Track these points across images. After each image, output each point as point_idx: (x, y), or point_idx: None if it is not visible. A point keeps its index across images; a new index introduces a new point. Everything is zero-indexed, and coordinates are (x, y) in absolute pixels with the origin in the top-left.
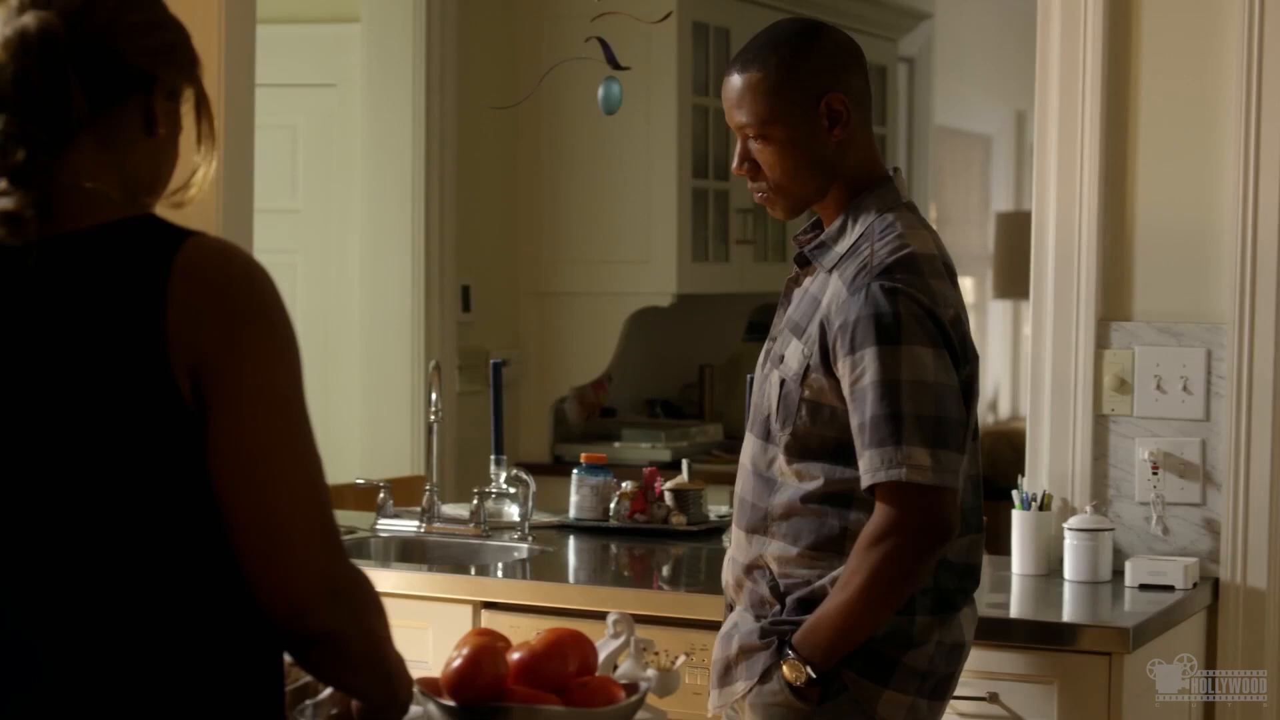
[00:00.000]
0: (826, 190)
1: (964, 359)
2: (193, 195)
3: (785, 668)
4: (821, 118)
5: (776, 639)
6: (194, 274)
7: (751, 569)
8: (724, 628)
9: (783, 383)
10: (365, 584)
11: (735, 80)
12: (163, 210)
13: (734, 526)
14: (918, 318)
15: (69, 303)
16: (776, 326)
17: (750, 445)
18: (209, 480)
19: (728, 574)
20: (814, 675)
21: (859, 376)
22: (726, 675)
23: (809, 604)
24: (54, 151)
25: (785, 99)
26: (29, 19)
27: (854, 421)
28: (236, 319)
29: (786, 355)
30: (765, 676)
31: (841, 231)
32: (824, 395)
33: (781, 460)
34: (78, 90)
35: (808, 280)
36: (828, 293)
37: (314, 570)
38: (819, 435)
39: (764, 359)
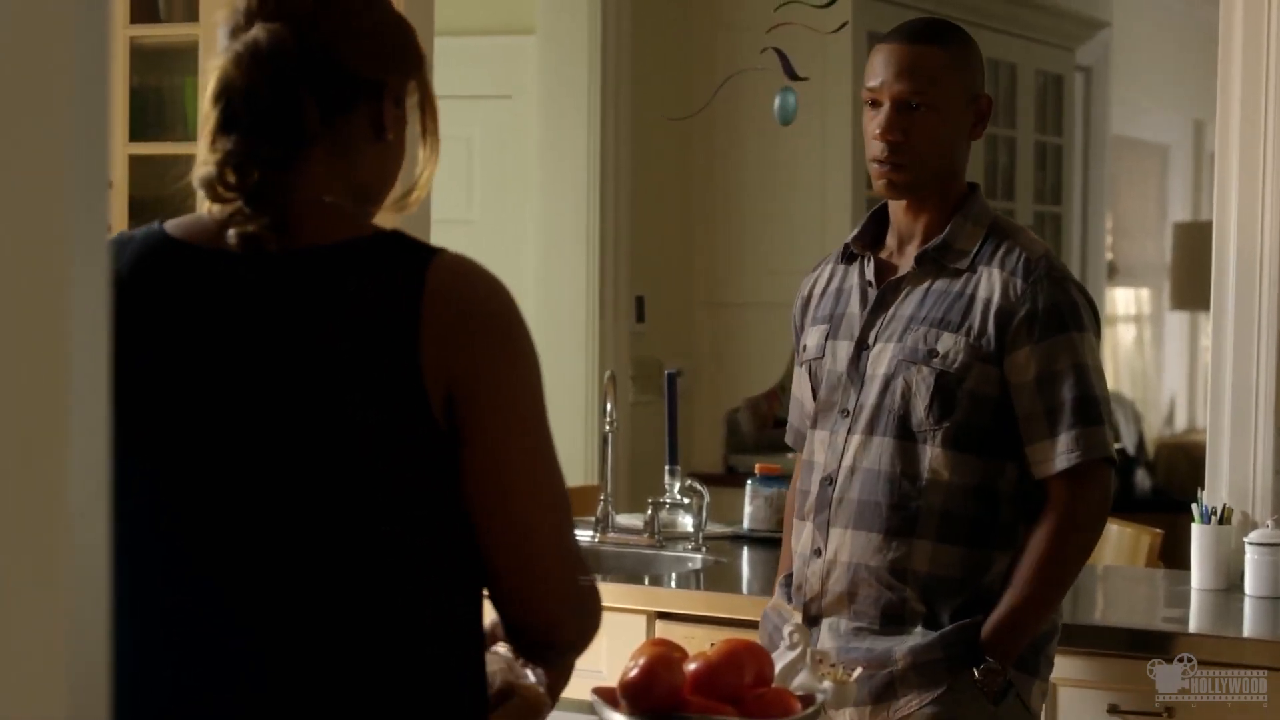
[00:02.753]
0: (943, 180)
1: None
2: (417, 197)
3: (979, 672)
4: (972, 113)
5: (960, 645)
6: (446, 295)
7: (890, 573)
8: (855, 645)
9: (939, 375)
10: (597, 595)
11: (905, 49)
12: (386, 214)
13: (846, 529)
14: (1090, 307)
15: (317, 320)
16: (880, 327)
17: (878, 446)
18: (460, 500)
19: (832, 582)
20: (1007, 675)
21: (1050, 362)
22: (887, 691)
23: (972, 606)
24: (287, 166)
25: (957, 79)
26: (259, 32)
27: (1040, 405)
28: (489, 342)
29: (941, 349)
30: (950, 685)
31: (960, 232)
32: (986, 386)
33: (934, 456)
34: (310, 103)
35: (930, 280)
36: (983, 286)
37: (565, 589)
38: (977, 427)
39: (880, 359)
